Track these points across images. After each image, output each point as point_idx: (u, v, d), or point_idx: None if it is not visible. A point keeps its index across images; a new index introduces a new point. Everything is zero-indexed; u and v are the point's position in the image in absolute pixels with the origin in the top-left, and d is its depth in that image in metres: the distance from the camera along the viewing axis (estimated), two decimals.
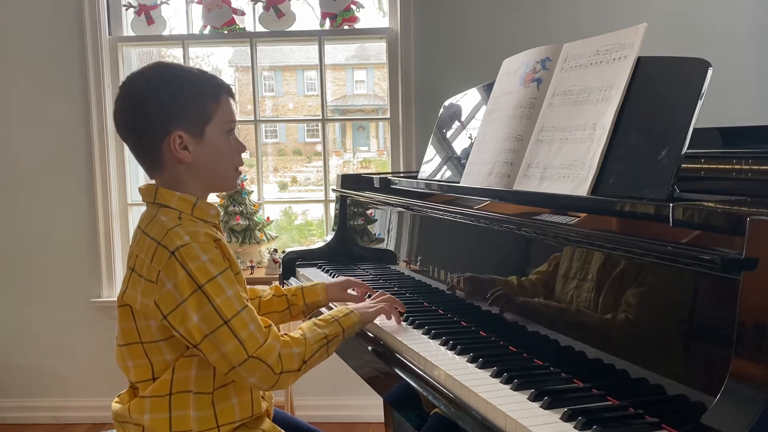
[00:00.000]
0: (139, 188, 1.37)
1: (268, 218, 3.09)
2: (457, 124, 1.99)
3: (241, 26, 3.12)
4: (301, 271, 2.19)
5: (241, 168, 1.40)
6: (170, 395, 1.28)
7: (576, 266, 1.18)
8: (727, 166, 1.42)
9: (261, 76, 3.39)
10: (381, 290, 1.66)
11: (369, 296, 1.72)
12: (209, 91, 1.33)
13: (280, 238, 3.31)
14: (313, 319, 1.39)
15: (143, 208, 1.37)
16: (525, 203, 1.38)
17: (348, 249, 2.30)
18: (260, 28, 3.15)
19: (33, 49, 3.11)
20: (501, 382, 1.13)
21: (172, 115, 1.29)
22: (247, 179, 3.13)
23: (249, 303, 1.27)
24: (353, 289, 1.73)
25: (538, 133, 1.47)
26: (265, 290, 1.66)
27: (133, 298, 1.28)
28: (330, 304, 1.70)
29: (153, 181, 1.36)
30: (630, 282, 1.06)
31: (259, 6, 3.09)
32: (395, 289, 1.85)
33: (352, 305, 1.47)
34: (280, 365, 1.24)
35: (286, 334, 1.30)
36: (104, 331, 3.12)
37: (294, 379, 1.28)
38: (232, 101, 1.37)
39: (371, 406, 2.98)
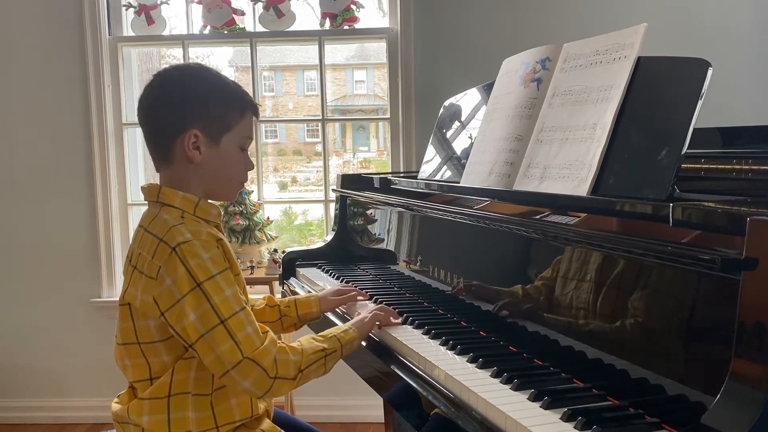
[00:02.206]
0: (142, 187, 1.37)
1: (268, 218, 3.09)
2: (457, 124, 1.99)
3: (241, 26, 3.12)
4: (301, 271, 2.19)
5: (244, 183, 1.43)
6: (169, 397, 1.28)
7: (576, 266, 1.18)
8: (727, 166, 1.42)
9: (261, 76, 3.39)
10: (386, 291, 1.66)
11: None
12: (236, 103, 1.36)
13: (280, 238, 3.31)
14: (311, 334, 1.38)
15: (143, 208, 1.37)
16: (525, 203, 1.38)
17: (348, 249, 2.30)
18: (260, 28, 3.15)
19: (33, 49, 3.11)
20: (501, 382, 1.13)
21: (194, 114, 1.31)
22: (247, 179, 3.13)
23: (247, 305, 1.27)
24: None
25: (538, 133, 1.47)
26: (258, 300, 1.66)
27: (134, 295, 1.28)
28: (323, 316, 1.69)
29: (156, 181, 1.37)
30: (630, 282, 1.06)
31: (259, 6, 3.09)
32: (395, 289, 1.85)
33: (349, 322, 1.45)
34: (275, 369, 1.23)
35: (282, 343, 1.29)
36: (104, 331, 3.11)
37: (289, 387, 1.26)
38: (255, 120, 1.40)
39: (371, 406, 2.98)
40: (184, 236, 1.23)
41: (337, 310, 1.71)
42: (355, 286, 1.80)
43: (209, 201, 1.38)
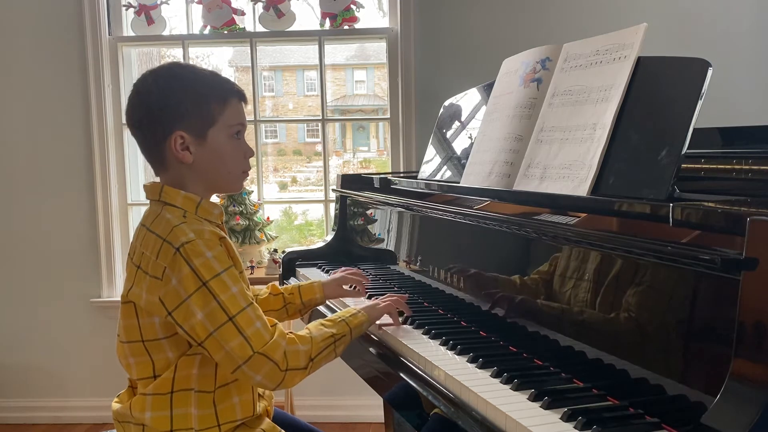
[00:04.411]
0: (144, 186, 1.38)
1: (268, 218, 3.09)
2: (457, 124, 1.99)
3: (241, 26, 3.12)
4: (301, 271, 2.19)
5: (247, 171, 1.41)
6: (172, 393, 1.28)
7: (576, 266, 1.18)
8: (727, 166, 1.42)
9: (261, 76, 3.39)
10: (385, 290, 1.67)
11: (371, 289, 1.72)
12: (216, 94, 1.33)
13: (280, 238, 3.31)
14: (320, 319, 1.38)
15: (143, 208, 1.38)
16: (525, 203, 1.38)
17: (348, 249, 2.30)
18: (260, 28, 3.15)
19: (33, 49, 3.11)
20: (501, 382, 1.13)
21: (175, 115, 1.30)
22: (247, 179, 3.13)
23: (254, 301, 1.27)
24: (350, 285, 1.74)
25: (538, 133, 1.47)
26: (261, 289, 1.67)
27: (138, 295, 1.28)
28: (327, 302, 1.71)
29: (158, 180, 1.37)
30: (630, 282, 1.06)
31: (259, 6, 3.09)
32: (395, 289, 1.85)
33: (359, 306, 1.46)
34: (286, 362, 1.23)
35: (291, 333, 1.30)
36: (104, 331, 3.12)
37: (301, 377, 1.27)
38: (242, 105, 1.37)
39: (371, 406, 2.98)
40: (187, 236, 1.24)
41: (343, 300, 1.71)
42: (355, 287, 1.79)
43: (211, 201, 1.38)
